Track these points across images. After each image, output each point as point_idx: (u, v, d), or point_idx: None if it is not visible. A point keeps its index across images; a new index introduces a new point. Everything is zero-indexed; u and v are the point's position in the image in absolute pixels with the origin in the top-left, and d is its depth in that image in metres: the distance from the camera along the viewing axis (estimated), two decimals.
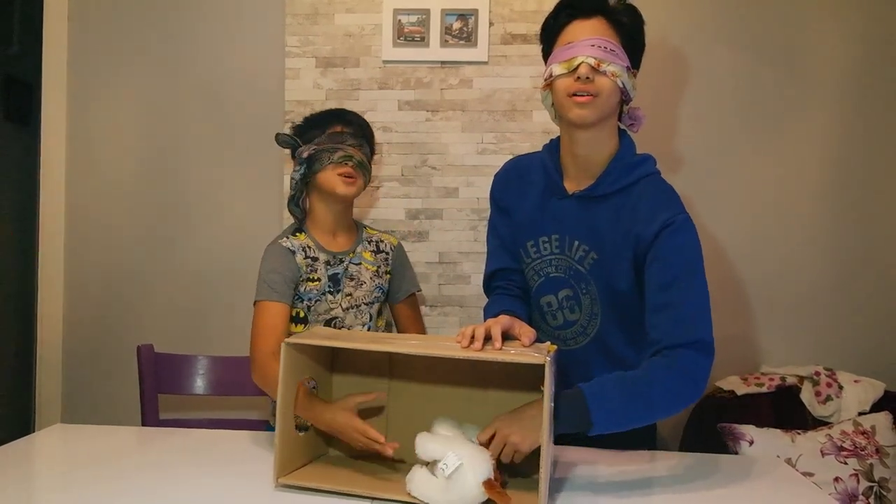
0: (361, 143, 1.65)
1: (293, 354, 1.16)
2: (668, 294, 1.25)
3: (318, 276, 1.64)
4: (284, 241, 1.65)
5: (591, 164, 1.37)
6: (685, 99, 2.27)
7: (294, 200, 1.68)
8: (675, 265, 1.27)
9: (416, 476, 1.08)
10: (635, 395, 1.18)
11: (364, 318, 1.69)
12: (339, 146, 1.61)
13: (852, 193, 2.25)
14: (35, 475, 1.23)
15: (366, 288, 1.69)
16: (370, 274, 1.71)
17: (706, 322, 1.25)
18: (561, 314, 1.43)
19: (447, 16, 2.15)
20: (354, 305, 1.68)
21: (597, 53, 1.27)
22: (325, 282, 1.65)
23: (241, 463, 1.27)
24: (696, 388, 1.21)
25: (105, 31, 2.31)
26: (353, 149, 1.62)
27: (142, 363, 1.81)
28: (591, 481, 1.21)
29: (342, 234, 1.72)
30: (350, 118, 1.70)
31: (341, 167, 1.61)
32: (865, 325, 2.25)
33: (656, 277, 1.27)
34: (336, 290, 1.66)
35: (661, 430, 1.58)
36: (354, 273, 1.69)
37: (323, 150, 1.61)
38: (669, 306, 1.25)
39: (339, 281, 1.67)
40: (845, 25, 2.23)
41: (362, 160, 1.63)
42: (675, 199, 1.34)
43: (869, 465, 1.85)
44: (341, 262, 1.68)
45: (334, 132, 1.64)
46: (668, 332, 1.23)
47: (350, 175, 1.61)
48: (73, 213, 2.33)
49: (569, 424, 1.14)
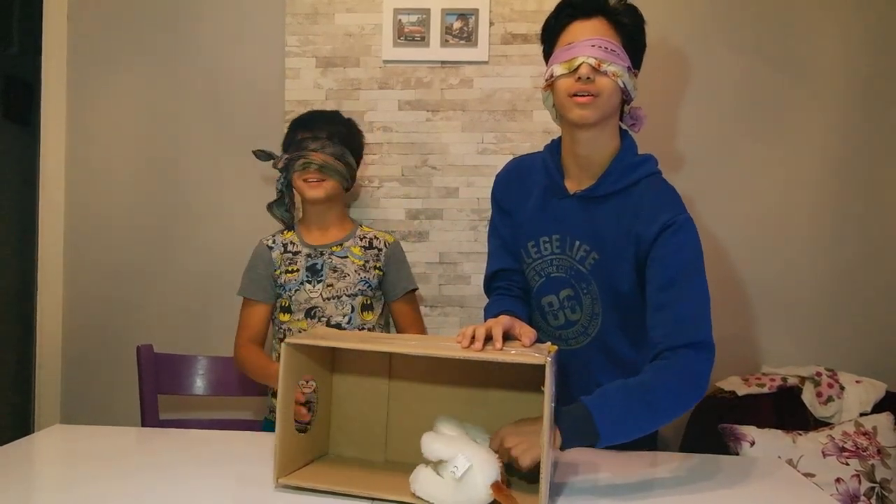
0: (325, 144, 1.73)
1: (293, 354, 1.16)
2: (668, 294, 1.26)
3: (297, 267, 1.77)
4: (266, 239, 1.83)
5: (592, 164, 1.37)
6: (687, 99, 2.27)
7: (276, 205, 1.84)
8: (675, 265, 1.27)
9: (420, 476, 1.07)
10: (639, 403, 1.17)
11: (345, 308, 1.75)
12: (300, 153, 1.73)
13: (854, 194, 2.25)
14: (35, 475, 1.23)
15: (349, 280, 1.76)
16: (355, 267, 1.78)
17: (706, 322, 1.25)
18: (562, 314, 1.43)
19: (447, 15, 2.15)
20: (335, 296, 1.75)
21: (597, 54, 1.27)
22: (303, 273, 1.76)
23: (241, 463, 1.27)
24: (698, 389, 1.21)
25: (105, 31, 2.31)
26: (314, 153, 1.72)
27: (141, 363, 1.81)
28: (593, 483, 1.21)
29: (334, 229, 1.82)
30: (313, 122, 1.79)
31: (305, 173, 1.73)
32: (867, 325, 2.25)
33: (657, 277, 1.27)
34: (316, 280, 1.76)
35: (661, 431, 1.58)
36: (338, 265, 1.77)
37: (290, 160, 1.74)
38: (670, 307, 1.25)
39: (319, 271, 1.77)
40: (847, 27, 2.23)
41: (324, 162, 1.72)
42: (677, 200, 1.34)
43: (870, 465, 1.85)
44: (322, 254, 1.78)
45: (299, 140, 1.76)
46: (668, 333, 1.23)
47: (313, 178, 1.72)
48: (73, 213, 2.33)
49: (576, 440, 1.13)
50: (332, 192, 1.76)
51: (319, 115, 1.84)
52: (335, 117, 1.83)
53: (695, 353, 1.22)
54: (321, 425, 1.29)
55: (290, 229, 1.84)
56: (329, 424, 1.31)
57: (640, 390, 1.18)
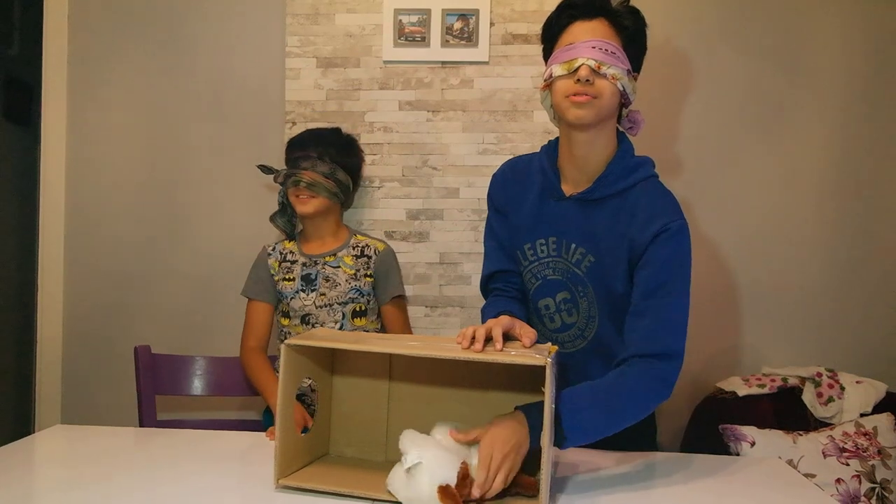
0: (315, 164, 1.84)
1: (293, 356, 1.16)
2: (651, 301, 1.27)
3: (293, 276, 1.88)
4: (268, 246, 1.94)
5: (588, 166, 1.36)
6: (687, 101, 2.27)
7: (278, 216, 1.94)
8: (664, 273, 1.27)
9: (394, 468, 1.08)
10: (605, 411, 1.18)
11: (337, 315, 1.86)
12: (292, 171, 1.83)
13: (854, 195, 2.25)
14: (36, 475, 1.23)
15: (340, 289, 1.86)
16: (346, 276, 1.87)
17: (682, 334, 1.27)
18: (559, 317, 1.42)
19: (448, 16, 2.15)
20: (327, 304, 1.85)
21: (598, 56, 1.26)
22: (299, 282, 1.87)
23: (241, 464, 1.27)
24: (662, 397, 1.24)
25: (105, 32, 2.31)
26: (303, 171, 1.82)
27: (138, 364, 1.80)
28: (593, 483, 1.21)
29: (330, 239, 1.92)
30: (304, 141, 1.89)
31: (296, 189, 1.83)
32: (867, 325, 2.25)
33: (644, 282, 1.28)
34: (310, 289, 1.86)
35: (662, 430, 1.58)
36: (330, 275, 1.87)
37: (285, 176, 1.84)
38: (651, 314, 1.26)
39: (313, 281, 1.87)
40: (848, 30, 2.23)
41: (312, 181, 1.82)
42: (673, 204, 1.33)
43: (871, 466, 1.85)
44: (316, 263, 1.88)
45: (293, 158, 1.87)
46: (644, 340, 1.25)
47: (303, 195, 1.83)
48: (73, 213, 2.33)
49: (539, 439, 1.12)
50: (321, 208, 1.85)
51: (310, 135, 1.93)
52: (328, 137, 1.92)
53: (665, 363, 1.24)
54: (321, 426, 1.29)
55: (291, 239, 1.95)
56: (329, 425, 1.31)
57: (609, 397, 1.20)
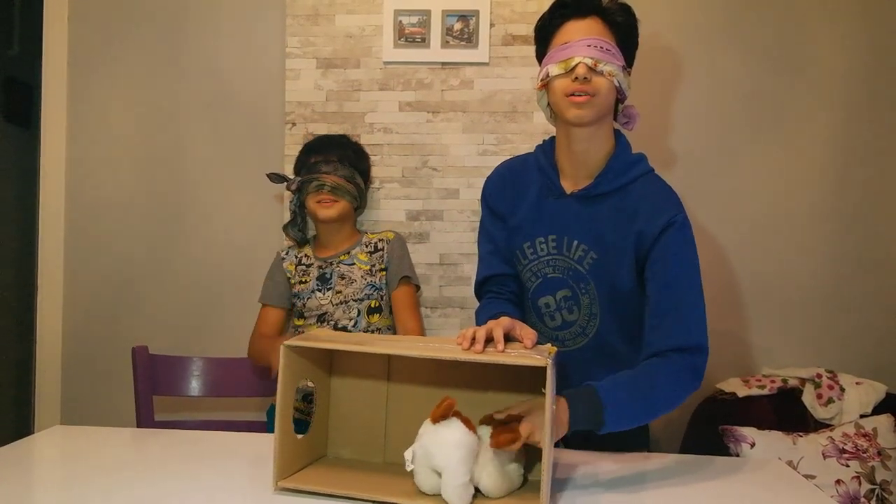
0: (336, 167, 1.86)
1: (292, 357, 1.16)
2: (670, 294, 1.28)
3: (309, 278, 1.91)
4: (283, 251, 1.97)
5: (588, 162, 1.37)
6: (685, 99, 2.27)
7: (290, 225, 1.97)
8: (678, 264, 1.29)
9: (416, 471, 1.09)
10: (641, 397, 1.21)
11: (352, 313, 1.87)
12: (313, 176, 1.85)
13: (853, 195, 2.25)
14: (35, 475, 1.23)
15: (356, 286, 1.88)
16: (362, 273, 1.89)
17: (703, 324, 1.29)
18: (559, 315, 1.43)
19: (448, 17, 2.15)
20: (343, 301, 1.87)
21: (594, 53, 1.27)
22: (314, 283, 1.90)
23: (240, 465, 1.26)
24: (692, 388, 1.27)
25: (105, 32, 2.31)
26: (326, 175, 1.85)
27: (136, 365, 1.80)
28: (592, 483, 1.20)
29: (343, 242, 1.95)
30: (324, 146, 1.91)
31: (318, 195, 1.85)
32: (867, 326, 2.25)
33: (659, 275, 1.29)
34: (326, 288, 1.88)
35: (661, 431, 1.58)
36: (346, 272, 1.89)
37: (304, 182, 1.86)
38: (673, 308, 1.27)
39: (329, 280, 1.89)
40: (847, 27, 2.23)
41: (336, 184, 1.85)
42: (675, 198, 1.36)
43: (871, 467, 1.85)
44: (331, 264, 1.91)
45: (311, 163, 1.88)
46: (668, 334, 1.26)
47: (326, 200, 1.84)
48: (73, 214, 2.33)
49: (582, 422, 1.15)
50: (344, 212, 1.88)
51: (329, 140, 1.97)
52: (344, 141, 1.96)
53: (695, 356, 1.26)
54: (320, 427, 1.29)
55: (306, 242, 1.98)
56: (327, 426, 1.31)
57: (644, 387, 1.22)
